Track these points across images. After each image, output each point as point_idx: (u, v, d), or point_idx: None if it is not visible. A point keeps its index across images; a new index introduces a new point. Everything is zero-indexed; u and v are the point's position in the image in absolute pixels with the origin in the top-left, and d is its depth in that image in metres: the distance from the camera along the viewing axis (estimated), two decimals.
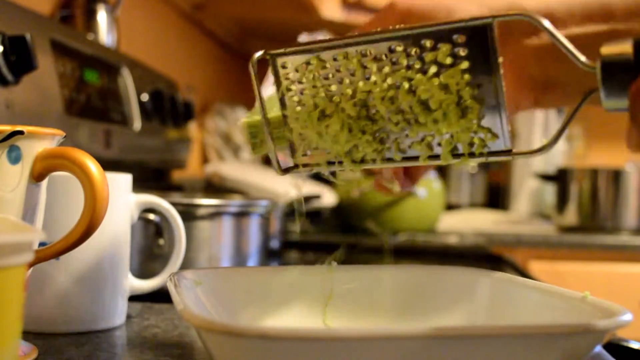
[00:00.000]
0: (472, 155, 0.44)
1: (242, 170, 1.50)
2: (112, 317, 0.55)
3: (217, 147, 1.86)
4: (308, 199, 1.36)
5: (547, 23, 0.40)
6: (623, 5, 0.45)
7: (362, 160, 0.46)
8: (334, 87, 0.45)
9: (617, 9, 0.45)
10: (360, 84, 0.44)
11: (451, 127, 0.43)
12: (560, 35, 0.40)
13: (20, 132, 0.40)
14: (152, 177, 1.23)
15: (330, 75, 0.45)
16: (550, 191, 1.93)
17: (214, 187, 1.46)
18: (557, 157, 2.04)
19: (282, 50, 0.46)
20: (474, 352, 0.35)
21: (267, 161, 1.67)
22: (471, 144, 0.44)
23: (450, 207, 1.99)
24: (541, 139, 2.05)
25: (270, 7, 1.77)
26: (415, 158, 0.45)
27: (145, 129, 1.09)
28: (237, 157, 1.85)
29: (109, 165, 0.52)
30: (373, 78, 0.44)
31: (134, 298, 0.60)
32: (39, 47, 0.76)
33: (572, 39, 0.42)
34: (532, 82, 0.49)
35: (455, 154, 0.44)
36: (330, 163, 0.48)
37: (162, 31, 1.59)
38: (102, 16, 1.06)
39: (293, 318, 0.50)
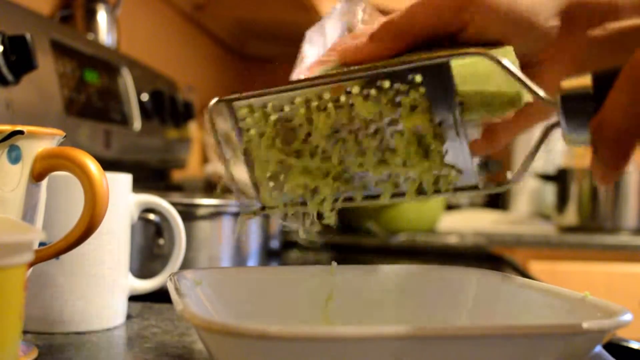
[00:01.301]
0: (437, 192, 0.44)
1: (242, 170, 1.49)
2: (112, 317, 0.55)
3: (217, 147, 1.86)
4: None
5: (505, 62, 0.40)
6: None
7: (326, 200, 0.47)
8: (293, 132, 0.45)
9: (625, 3, 0.44)
10: (320, 127, 0.44)
11: (414, 167, 0.43)
12: (517, 71, 0.40)
13: (20, 132, 0.40)
14: (152, 177, 1.23)
15: (289, 119, 0.45)
16: (550, 191, 1.93)
17: (214, 187, 1.46)
18: (557, 157, 2.04)
19: (236, 96, 0.46)
20: (474, 352, 0.35)
21: None
22: (436, 181, 0.44)
23: (450, 207, 1.99)
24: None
25: (270, 7, 1.77)
26: (378, 196, 0.45)
27: (145, 129, 1.09)
28: (237, 157, 1.84)
29: (109, 165, 0.52)
30: (331, 120, 0.44)
31: (134, 298, 0.60)
32: (39, 47, 0.76)
33: (633, 30, 0.42)
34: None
35: (421, 191, 0.44)
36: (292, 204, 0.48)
37: (162, 31, 1.59)
38: (102, 16, 1.06)
39: (293, 318, 0.50)
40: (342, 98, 0.43)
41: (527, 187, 2.03)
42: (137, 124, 1.07)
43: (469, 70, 0.42)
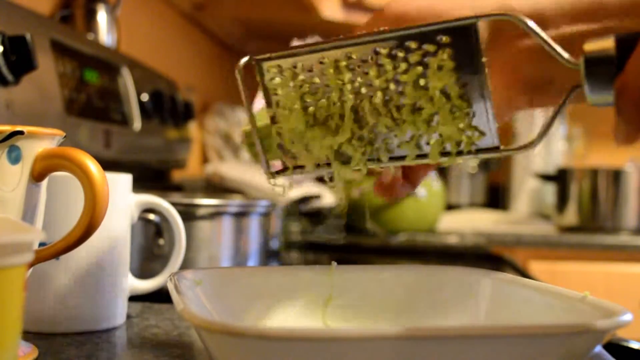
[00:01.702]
0: (460, 153, 0.44)
1: (242, 170, 1.50)
2: (112, 317, 0.55)
3: (217, 147, 1.86)
4: (308, 199, 1.36)
5: (530, 22, 0.41)
6: (616, 2, 0.45)
7: (350, 162, 0.47)
8: (320, 92, 0.46)
9: (609, 6, 0.45)
10: (348, 86, 0.45)
11: (441, 127, 0.43)
12: (543, 33, 0.41)
13: (20, 132, 0.40)
14: (152, 177, 1.23)
15: (317, 80, 0.45)
16: (550, 191, 1.93)
17: (214, 187, 1.46)
18: (557, 157, 2.04)
19: (267, 56, 0.46)
20: (474, 352, 0.35)
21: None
22: (459, 143, 0.44)
23: (450, 207, 1.99)
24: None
25: (270, 7, 1.77)
26: (403, 158, 0.46)
27: (145, 129, 1.09)
28: (237, 157, 1.85)
29: (109, 165, 0.52)
30: (360, 80, 0.44)
31: (134, 298, 0.60)
32: (39, 47, 0.76)
33: (562, 38, 0.43)
34: (526, 82, 0.49)
35: (444, 153, 0.44)
36: (319, 165, 0.48)
37: (162, 31, 1.59)
38: (102, 16, 1.06)
39: (293, 318, 0.50)
40: (370, 59, 0.44)
41: (527, 187, 2.03)
42: (137, 124, 1.07)
43: None
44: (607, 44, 0.39)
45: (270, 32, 2.01)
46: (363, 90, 0.45)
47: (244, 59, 0.47)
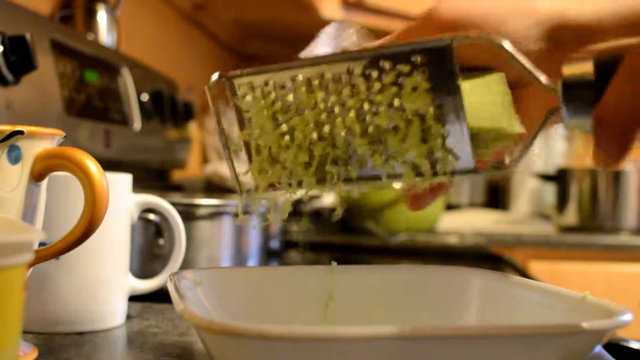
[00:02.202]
0: (435, 174, 0.44)
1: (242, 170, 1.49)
2: (112, 317, 0.55)
3: (217, 147, 1.86)
4: (308, 199, 1.36)
5: (506, 45, 0.40)
6: None
7: (323, 180, 0.46)
8: (292, 110, 0.45)
9: None
10: (320, 105, 0.44)
11: (413, 149, 0.43)
12: (520, 56, 0.40)
13: (20, 132, 0.40)
14: (152, 177, 1.23)
15: (289, 98, 0.45)
16: (550, 191, 1.93)
17: (214, 187, 1.46)
18: (557, 157, 2.04)
19: (238, 72, 0.46)
20: (474, 352, 0.35)
21: None
22: (434, 164, 0.44)
23: (450, 207, 1.99)
24: (540, 144, 2.05)
25: (270, 7, 1.77)
26: (377, 177, 0.45)
27: (145, 129, 1.09)
28: (237, 157, 1.84)
29: (109, 165, 0.52)
30: (332, 100, 0.44)
31: (134, 298, 0.60)
32: (39, 47, 0.76)
33: (617, 50, 0.41)
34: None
35: (418, 173, 0.44)
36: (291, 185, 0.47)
37: (162, 31, 1.59)
38: (102, 16, 1.06)
39: (293, 318, 0.50)
40: (344, 77, 0.43)
41: (527, 187, 2.03)
42: (137, 124, 1.07)
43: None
44: (586, 68, 0.39)
45: (270, 32, 2.01)
46: (336, 109, 0.44)
47: (214, 76, 0.46)
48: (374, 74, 0.42)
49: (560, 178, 1.80)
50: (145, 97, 1.10)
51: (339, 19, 1.68)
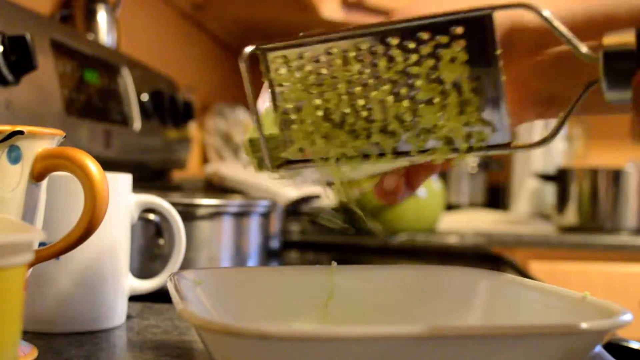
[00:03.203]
0: (470, 149, 0.43)
1: (242, 170, 1.50)
2: (112, 317, 0.55)
3: (217, 147, 1.86)
4: (308, 199, 1.36)
5: (546, 13, 0.39)
6: (627, 14, 0.44)
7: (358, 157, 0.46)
8: (326, 83, 0.45)
9: (621, 19, 0.44)
10: (356, 77, 0.44)
11: (451, 122, 0.42)
12: (560, 25, 0.40)
13: (20, 132, 0.40)
14: (152, 177, 1.23)
15: (324, 71, 0.44)
16: (550, 191, 1.93)
17: (214, 187, 1.46)
18: (557, 157, 2.04)
19: (273, 45, 0.45)
20: (474, 352, 0.35)
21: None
22: (469, 138, 0.43)
23: (450, 207, 1.99)
24: (541, 134, 2.05)
25: (270, 7, 1.77)
26: (408, 153, 0.45)
27: (145, 129, 1.09)
28: (237, 157, 1.85)
29: (109, 165, 0.52)
30: (368, 72, 0.43)
31: (134, 298, 0.60)
32: (39, 47, 0.76)
33: (573, 54, 0.42)
34: (535, 97, 0.49)
35: (453, 149, 0.44)
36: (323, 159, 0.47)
37: (162, 31, 1.59)
38: (102, 16, 1.06)
39: (293, 318, 0.50)
40: (380, 49, 0.43)
41: (527, 187, 2.03)
42: (137, 124, 1.07)
43: None
44: (627, 37, 0.37)
45: (270, 32, 2.01)
46: (371, 82, 0.43)
47: (249, 48, 0.45)
48: (411, 45, 0.42)
49: (560, 178, 1.80)
50: (145, 97, 1.10)
51: (339, 18, 1.68)
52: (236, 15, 1.86)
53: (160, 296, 0.59)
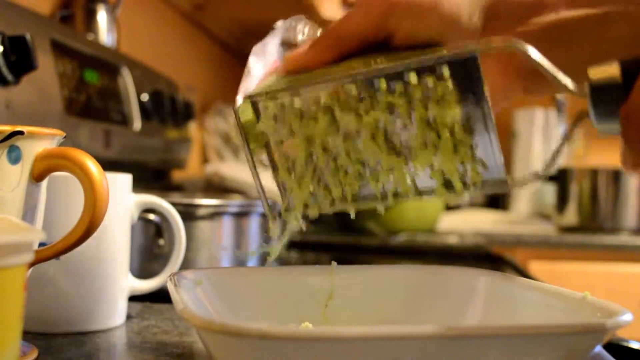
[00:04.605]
0: (466, 187, 0.44)
1: (242, 170, 1.50)
2: (112, 317, 0.55)
3: (217, 147, 1.86)
4: None
5: (532, 51, 0.40)
6: None
7: (354, 200, 0.46)
8: (320, 128, 0.45)
9: None
10: (349, 124, 0.44)
11: (446, 162, 0.43)
12: (546, 62, 0.40)
13: (20, 132, 0.40)
14: (152, 177, 1.23)
15: (315, 119, 0.45)
16: (550, 191, 1.93)
17: (214, 187, 1.46)
18: (557, 157, 2.04)
19: (261, 94, 0.46)
20: (474, 352, 0.35)
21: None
22: (464, 177, 0.43)
23: (450, 207, 1.99)
24: (542, 136, 2.05)
25: (270, 7, 1.76)
26: (402, 195, 0.45)
27: (145, 129, 1.09)
28: (237, 157, 1.85)
29: (109, 165, 0.52)
30: (354, 118, 0.44)
31: (134, 298, 0.60)
32: (39, 47, 0.76)
33: (562, 23, 0.42)
34: (520, 70, 0.49)
35: (449, 187, 0.44)
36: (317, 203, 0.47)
37: (162, 31, 1.59)
38: (102, 16, 1.06)
39: (293, 318, 0.50)
40: (368, 94, 0.43)
41: (527, 187, 2.03)
42: (137, 124, 1.07)
43: None
44: (612, 70, 0.38)
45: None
46: (363, 128, 0.44)
47: (239, 101, 0.46)
48: (399, 88, 0.42)
49: (560, 178, 1.80)
50: (145, 97, 1.10)
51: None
52: (236, 15, 1.86)
53: (160, 296, 0.59)
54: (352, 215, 0.48)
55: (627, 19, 0.43)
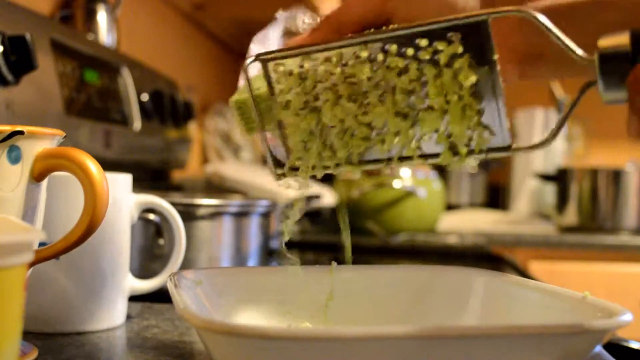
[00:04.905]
0: (471, 152, 0.44)
1: (242, 170, 1.50)
2: (112, 317, 0.55)
3: (217, 147, 1.86)
4: (308, 199, 1.36)
5: (542, 18, 0.40)
6: None
7: (360, 162, 0.46)
8: (327, 91, 0.45)
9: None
10: (356, 88, 0.44)
11: (452, 125, 0.43)
12: (555, 29, 0.40)
13: (20, 132, 0.40)
14: (152, 177, 1.23)
15: (324, 79, 0.45)
16: (550, 191, 1.93)
17: (214, 187, 1.46)
18: (557, 157, 2.04)
19: (273, 55, 0.46)
20: (474, 352, 0.35)
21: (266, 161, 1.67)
22: (469, 142, 0.43)
23: (450, 207, 1.99)
24: (542, 136, 2.05)
25: (270, 7, 1.76)
26: (410, 158, 0.45)
27: (145, 129, 1.09)
28: (237, 157, 1.85)
29: (109, 165, 0.52)
30: (366, 77, 0.44)
31: (134, 298, 0.60)
32: (39, 47, 0.76)
33: (557, 8, 0.42)
34: (517, 54, 0.49)
35: (455, 152, 0.44)
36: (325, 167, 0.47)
37: (162, 31, 1.59)
38: (102, 16, 1.06)
39: (293, 318, 0.50)
40: (380, 57, 0.43)
41: (527, 187, 2.03)
42: (137, 124, 1.07)
43: None
44: (621, 39, 0.38)
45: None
46: (371, 92, 0.44)
47: (250, 59, 0.46)
48: (410, 51, 0.42)
49: (560, 178, 1.80)
50: (145, 97, 1.10)
51: None
52: (236, 15, 1.86)
53: (160, 296, 0.59)
54: (357, 176, 0.48)
55: (616, 7, 0.44)
